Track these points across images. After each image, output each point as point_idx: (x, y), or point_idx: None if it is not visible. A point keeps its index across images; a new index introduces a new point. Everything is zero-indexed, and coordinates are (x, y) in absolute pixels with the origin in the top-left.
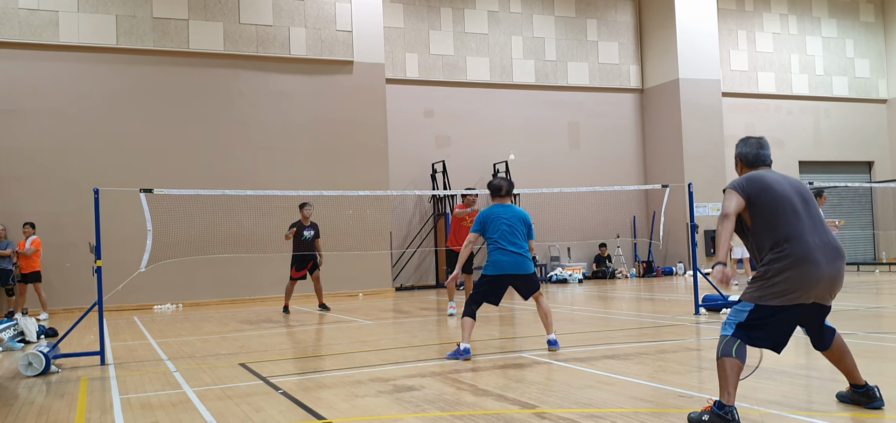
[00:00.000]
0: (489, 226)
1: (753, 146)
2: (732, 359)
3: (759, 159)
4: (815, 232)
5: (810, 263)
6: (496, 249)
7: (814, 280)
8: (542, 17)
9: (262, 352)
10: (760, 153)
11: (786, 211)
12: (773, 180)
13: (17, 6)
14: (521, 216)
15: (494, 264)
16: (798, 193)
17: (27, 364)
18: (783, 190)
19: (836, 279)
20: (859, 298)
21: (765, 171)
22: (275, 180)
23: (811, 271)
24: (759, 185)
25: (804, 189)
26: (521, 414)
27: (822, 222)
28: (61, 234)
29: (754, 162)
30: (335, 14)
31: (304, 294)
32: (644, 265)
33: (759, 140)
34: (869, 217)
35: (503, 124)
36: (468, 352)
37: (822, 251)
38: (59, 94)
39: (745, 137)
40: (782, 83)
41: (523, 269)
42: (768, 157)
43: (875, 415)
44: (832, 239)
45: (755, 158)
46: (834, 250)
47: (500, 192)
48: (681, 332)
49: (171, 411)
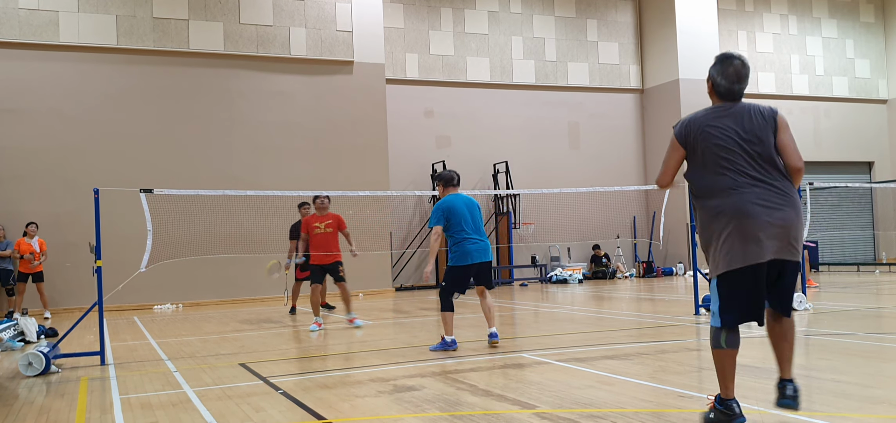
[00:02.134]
0: (451, 217)
1: (730, 77)
2: (722, 350)
3: (732, 94)
4: (757, 180)
5: (746, 216)
6: (465, 239)
7: (754, 235)
8: (542, 18)
9: (262, 352)
10: (735, 88)
11: (720, 156)
12: (717, 120)
13: (17, 6)
14: (476, 204)
15: (464, 253)
16: (740, 132)
17: (27, 364)
18: (724, 131)
19: (784, 231)
20: (859, 298)
21: (719, 107)
22: (275, 180)
23: (748, 225)
24: (698, 125)
25: (752, 126)
26: (521, 414)
27: (765, 165)
28: (61, 234)
29: (725, 95)
30: (335, 14)
31: (302, 295)
32: (644, 266)
33: (738, 68)
34: (869, 217)
35: (503, 124)
36: (455, 343)
37: (761, 201)
38: (59, 94)
39: (726, 57)
40: (782, 83)
41: (488, 256)
42: (741, 91)
43: (875, 415)
44: (784, 186)
45: (727, 91)
46: (781, 198)
47: (452, 182)
48: (681, 332)
49: (172, 411)
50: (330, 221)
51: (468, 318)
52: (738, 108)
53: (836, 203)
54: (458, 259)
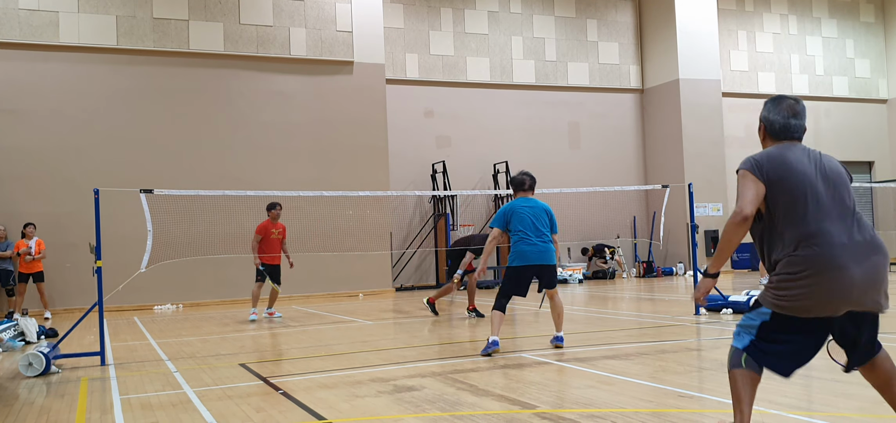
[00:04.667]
0: (513, 219)
1: (784, 112)
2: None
3: (788, 131)
4: (842, 226)
5: (835, 268)
6: (520, 240)
7: (839, 289)
8: (542, 18)
9: (262, 352)
10: (791, 122)
11: (805, 200)
12: (795, 159)
13: (17, 6)
14: (544, 208)
15: (520, 255)
16: (823, 175)
17: (27, 365)
18: (803, 171)
19: (874, 282)
20: None
21: (788, 146)
22: (275, 180)
23: (835, 277)
24: (780, 164)
25: (831, 168)
26: (521, 414)
27: (851, 212)
28: (61, 234)
29: (780, 133)
30: (335, 14)
31: (302, 295)
32: (644, 265)
33: (792, 104)
34: (869, 217)
35: (503, 124)
36: (496, 343)
37: (850, 251)
38: (59, 94)
39: (778, 97)
40: (782, 83)
41: (547, 259)
42: (800, 128)
43: (875, 415)
44: (867, 233)
45: (783, 128)
46: (867, 245)
47: (523, 186)
48: (681, 332)
49: (172, 411)
50: (281, 229)
51: (468, 318)
52: (806, 149)
53: None
54: (514, 259)
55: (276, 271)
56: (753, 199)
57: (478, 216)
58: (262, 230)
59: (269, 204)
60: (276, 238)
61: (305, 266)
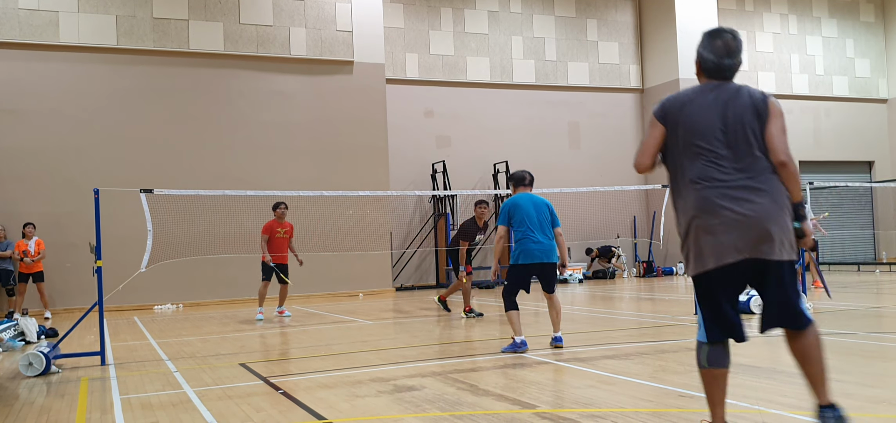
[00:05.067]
0: (516, 215)
1: (718, 51)
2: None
3: (721, 71)
4: (728, 167)
5: (711, 211)
6: (525, 238)
7: (722, 235)
8: (542, 17)
9: (262, 352)
10: (724, 62)
11: (694, 141)
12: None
13: (17, 6)
14: (545, 203)
15: (525, 252)
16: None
17: (27, 364)
18: (704, 111)
19: (757, 227)
20: (859, 298)
21: (709, 85)
22: (275, 180)
23: (713, 223)
24: (680, 102)
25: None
26: (521, 414)
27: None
28: (61, 234)
29: (713, 72)
30: (335, 14)
31: (302, 295)
32: (644, 265)
33: (728, 41)
34: (869, 217)
35: (503, 124)
36: (525, 344)
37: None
38: (59, 94)
39: (716, 31)
40: (782, 83)
41: (551, 257)
42: (733, 67)
43: (876, 415)
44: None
45: (716, 68)
46: (746, 189)
47: (524, 182)
48: (681, 332)
49: (172, 411)
50: (287, 228)
51: (466, 318)
52: (726, 87)
53: (836, 203)
54: (518, 258)
55: (284, 269)
56: (652, 147)
57: None
58: (268, 230)
59: (275, 203)
60: (282, 237)
61: (306, 266)
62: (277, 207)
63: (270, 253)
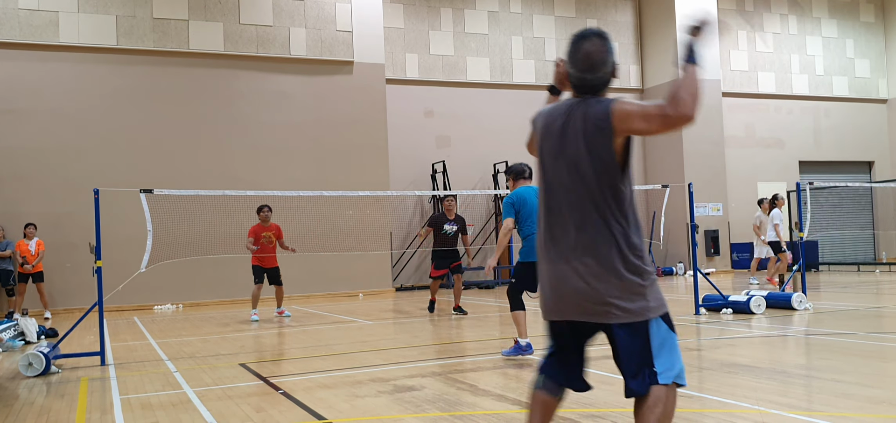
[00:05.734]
0: (523, 209)
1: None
2: (532, 390)
3: (582, 85)
4: (557, 216)
5: (541, 261)
6: (533, 234)
7: (546, 289)
8: (542, 18)
9: (262, 352)
10: (586, 78)
11: (543, 179)
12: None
13: (17, 6)
14: None
15: (532, 248)
16: (554, 146)
17: (27, 365)
18: (544, 141)
19: (573, 292)
20: (859, 298)
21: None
22: (275, 180)
23: (541, 274)
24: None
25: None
26: (521, 414)
27: (581, 199)
28: (61, 234)
29: (576, 87)
30: (335, 14)
31: (302, 295)
32: None
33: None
34: (869, 217)
35: (503, 124)
36: (530, 348)
37: (554, 245)
38: (59, 94)
39: (580, 34)
40: (782, 83)
41: None
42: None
43: (876, 415)
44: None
45: (579, 82)
46: (570, 248)
47: (524, 174)
48: (681, 332)
49: (172, 411)
50: (273, 229)
51: (469, 318)
52: (569, 107)
53: (836, 203)
54: (526, 255)
55: (275, 273)
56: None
57: (478, 216)
58: (254, 234)
59: (259, 206)
60: (268, 242)
61: (305, 266)
62: (261, 210)
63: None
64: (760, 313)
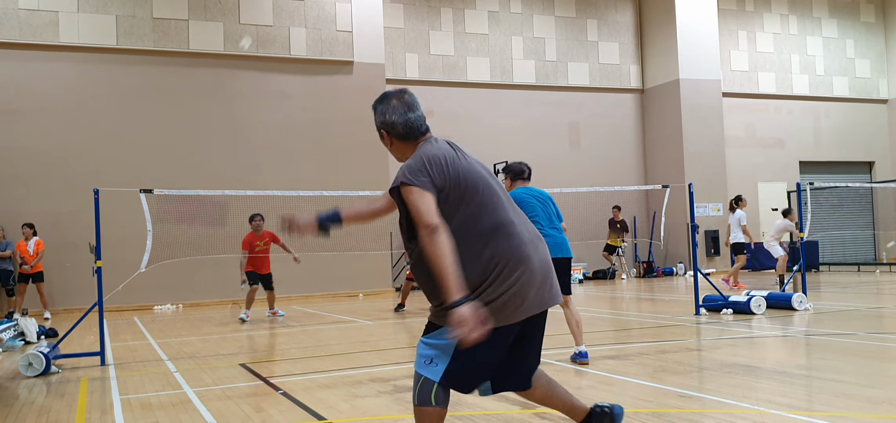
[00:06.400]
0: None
1: (401, 110)
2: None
3: (413, 129)
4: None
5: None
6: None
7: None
8: (542, 18)
9: (262, 352)
10: (409, 118)
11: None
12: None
13: (17, 6)
14: (549, 197)
15: None
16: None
17: (27, 365)
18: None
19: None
20: (860, 298)
21: (428, 141)
22: (275, 180)
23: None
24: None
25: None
26: (521, 414)
27: None
28: (61, 234)
29: (407, 134)
30: (335, 14)
31: (302, 295)
32: (644, 266)
33: (404, 98)
34: (869, 217)
35: (503, 124)
36: (585, 355)
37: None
38: (59, 94)
39: (384, 96)
40: (782, 83)
41: (565, 251)
42: (422, 119)
43: (876, 415)
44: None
45: (405, 127)
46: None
47: (523, 175)
48: (681, 332)
49: (172, 411)
50: (266, 238)
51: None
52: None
53: (836, 203)
54: None
55: (267, 279)
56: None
57: None
58: (247, 244)
59: (250, 216)
60: (262, 250)
61: (305, 266)
62: (253, 219)
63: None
64: (761, 313)
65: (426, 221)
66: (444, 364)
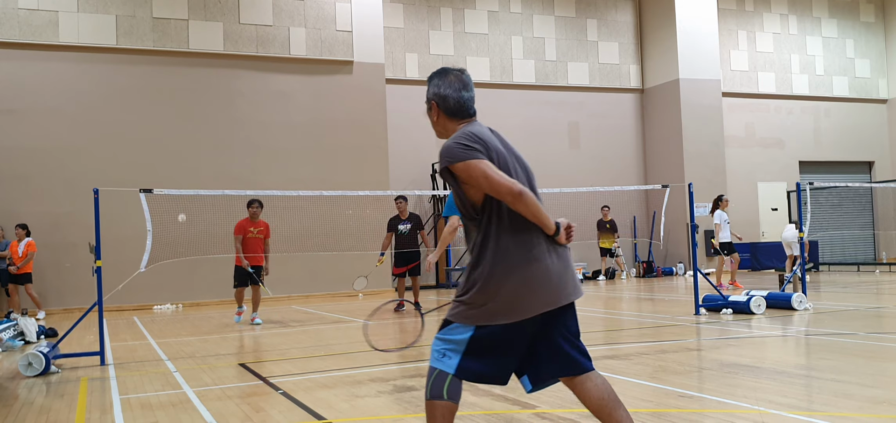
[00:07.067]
0: None
1: (455, 86)
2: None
3: (464, 108)
4: None
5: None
6: None
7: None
8: (542, 17)
9: (262, 352)
10: (463, 96)
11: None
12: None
13: (17, 6)
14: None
15: None
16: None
17: (27, 364)
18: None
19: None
20: (860, 298)
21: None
22: (275, 180)
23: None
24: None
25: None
26: (521, 414)
27: None
28: (61, 234)
29: (457, 111)
30: (335, 14)
31: (302, 295)
32: (644, 265)
33: (459, 75)
34: (869, 217)
35: (503, 124)
36: None
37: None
38: (59, 94)
39: (443, 70)
40: (782, 83)
41: None
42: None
43: (876, 415)
44: None
45: (457, 104)
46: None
47: None
48: (681, 332)
49: (171, 411)
50: (261, 227)
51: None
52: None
53: (836, 203)
54: None
55: (258, 272)
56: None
57: None
58: (241, 229)
59: (249, 200)
60: (256, 237)
61: (305, 266)
62: (250, 205)
63: (246, 254)
64: (760, 313)
65: (508, 187)
66: (457, 358)
